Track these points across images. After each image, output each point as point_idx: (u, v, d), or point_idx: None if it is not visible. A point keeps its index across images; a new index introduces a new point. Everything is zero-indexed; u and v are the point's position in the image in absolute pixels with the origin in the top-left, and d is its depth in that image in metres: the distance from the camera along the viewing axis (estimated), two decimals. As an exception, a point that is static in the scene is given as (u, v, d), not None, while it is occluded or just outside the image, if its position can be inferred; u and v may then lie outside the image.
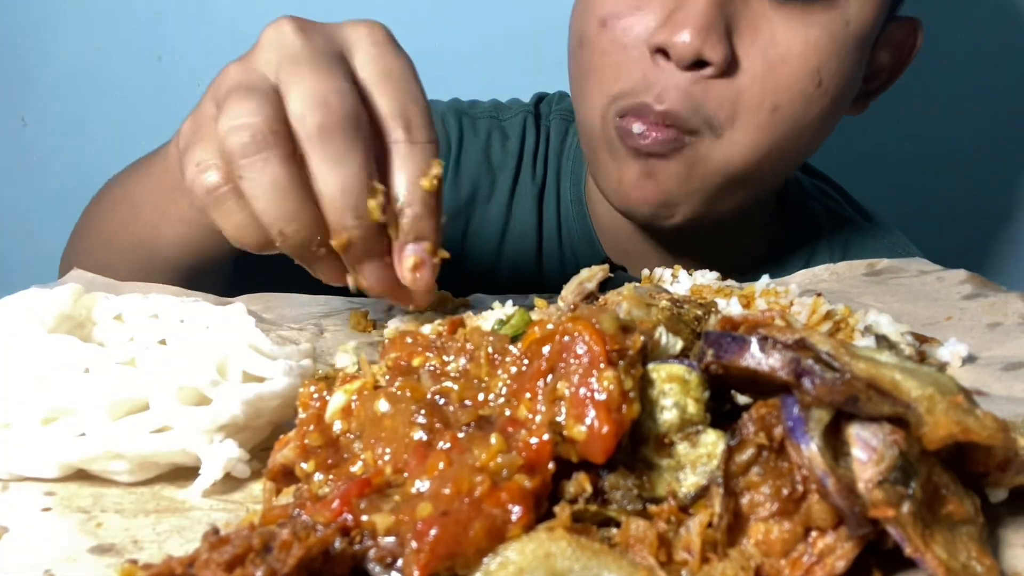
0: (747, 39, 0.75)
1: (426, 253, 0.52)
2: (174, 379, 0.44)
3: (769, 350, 0.34)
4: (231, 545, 0.30)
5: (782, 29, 0.75)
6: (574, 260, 0.99)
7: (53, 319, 0.50)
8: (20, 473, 0.44)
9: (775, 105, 0.76)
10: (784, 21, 0.75)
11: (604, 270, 0.57)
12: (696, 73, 0.75)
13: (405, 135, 0.52)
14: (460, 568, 0.31)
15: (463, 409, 0.36)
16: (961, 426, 0.32)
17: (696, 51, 0.73)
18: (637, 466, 0.35)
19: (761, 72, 0.75)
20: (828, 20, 0.76)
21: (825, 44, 0.76)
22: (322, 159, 0.49)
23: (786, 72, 0.76)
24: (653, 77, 0.76)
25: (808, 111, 0.78)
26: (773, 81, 0.75)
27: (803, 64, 0.76)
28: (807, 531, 0.33)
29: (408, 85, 0.53)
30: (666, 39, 0.74)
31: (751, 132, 0.77)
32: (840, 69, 0.78)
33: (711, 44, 0.73)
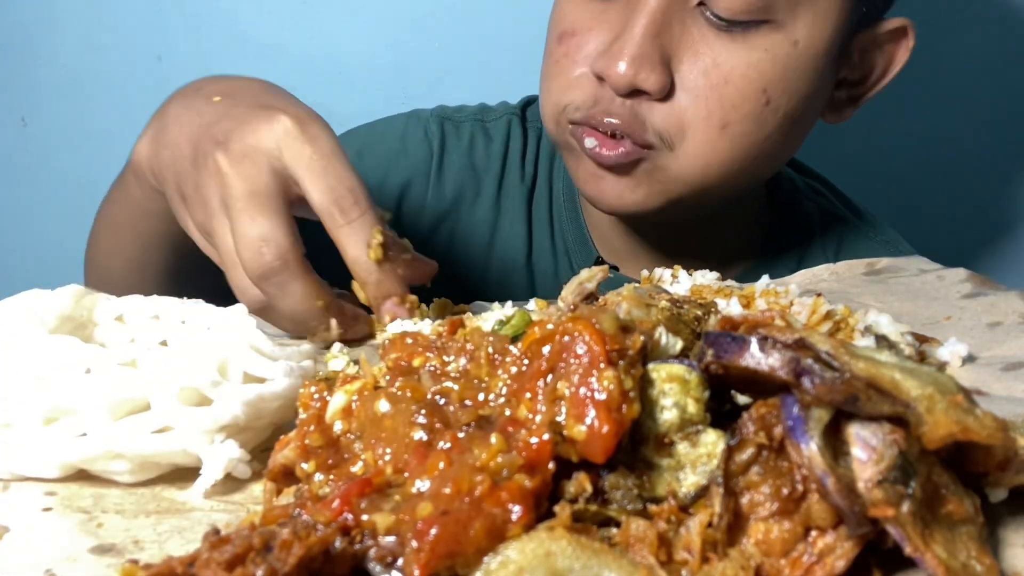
0: (686, 63, 0.77)
1: (396, 305, 0.62)
2: (175, 380, 0.45)
3: (769, 350, 0.34)
4: (231, 545, 0.30)
5: (724, 53, 0.76)
6: (567, 259, 1.00)
7: (54, 320, 0.50)
8: (21, 473, 0.44)
9: (724, 122, 0.78)
10: (725, 46, 0.76)
11: (604, 271, 0.57)
12: (635, 100, 0.78)
13: (341, 219, 0.60)
14: (460, 567, 0.31)
15: (463, 409, 0.36)
16: (961, 426, 0.32)
17: (629, 82, 0.75)
18: (637, 466, 0.35)
19: (704, 92, 0.77)
20: (772, 42, 0.77)
21: (769, 65, 0.77)
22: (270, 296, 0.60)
23: (730, 92, 0.77)
24: (599, 95, 0.79)
25: (761, 128, 0.79)
26: (717, 100, 0.77)
27: (747, 84, 0.77)
28: (807, 531, 0.33)
29: (331, 167, 0.61)
30: (604, 68, 0.77)
31: (703, 147, 0.79)
32: (790, 87, 0.79)
33: (644, 75, 0.75)
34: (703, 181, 0.81)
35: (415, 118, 1.03)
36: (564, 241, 1.00)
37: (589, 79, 0.79)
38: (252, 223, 0.58)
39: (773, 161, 0.87)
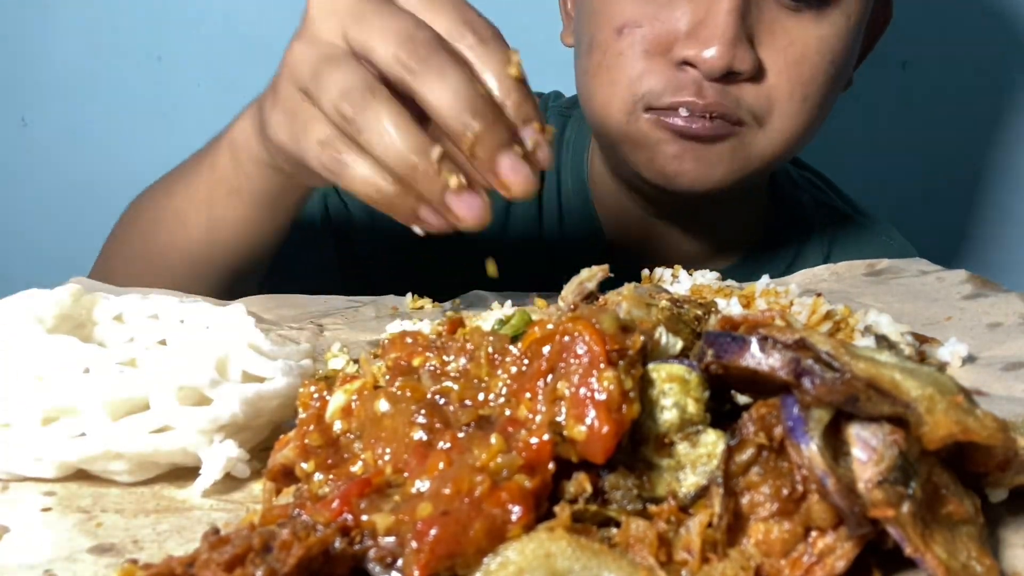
0: (767, 43, 0.81)
1: (537, 132, 0.55)
2: (174, 379, 0.44)
3: (769, 350, 0.34)
4: (231, 545, 0.30)
5: (797, 30, 0.82)
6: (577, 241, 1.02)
7: (53, 319, 0.50)
8: (20, 473, 0.44)
9: (805, 95, 0.83)
10: (797, 24, 0.81)
11: (604, 270, 0.57)
12: (726, 81, 0.80)
13: (475, 39, 0.55)
14: (460, 568, 0.31)
15: (463, 409, 0.36)
16: (961, 426, 0.32)
17: (727, 65, 0.78)
18: (637, 466, 0.35)
19: (786, 70, 0.81)
20: (835, 18, 0.83)
21: (835, 39, 0.83)
22: (427, 79, 0.53)
23: (808, 67, 0.82)
24: (684, 80, 0.80)
25: (830, 96, 0.86)
26: (798, 76, 0.82)
27: (821, 59, 0.83)
28: (807, 531, 0.33)
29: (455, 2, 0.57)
30: (695, 55, 0.78)
31: (789, 121, 0.83)
32: (846, 56, 0.86)
33: (740, 57, 0.78)
34: (781, 154, 0.86)
35: None
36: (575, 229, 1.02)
37: (665, 67, 0.81)
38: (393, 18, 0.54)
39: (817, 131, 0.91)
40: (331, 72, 0.54)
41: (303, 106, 0.57)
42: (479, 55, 0.55)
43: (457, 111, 0.52)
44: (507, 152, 0.54)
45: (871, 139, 1.35)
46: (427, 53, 0.53)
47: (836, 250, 1.01)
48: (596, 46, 0.85)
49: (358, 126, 0.53)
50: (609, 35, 0.83)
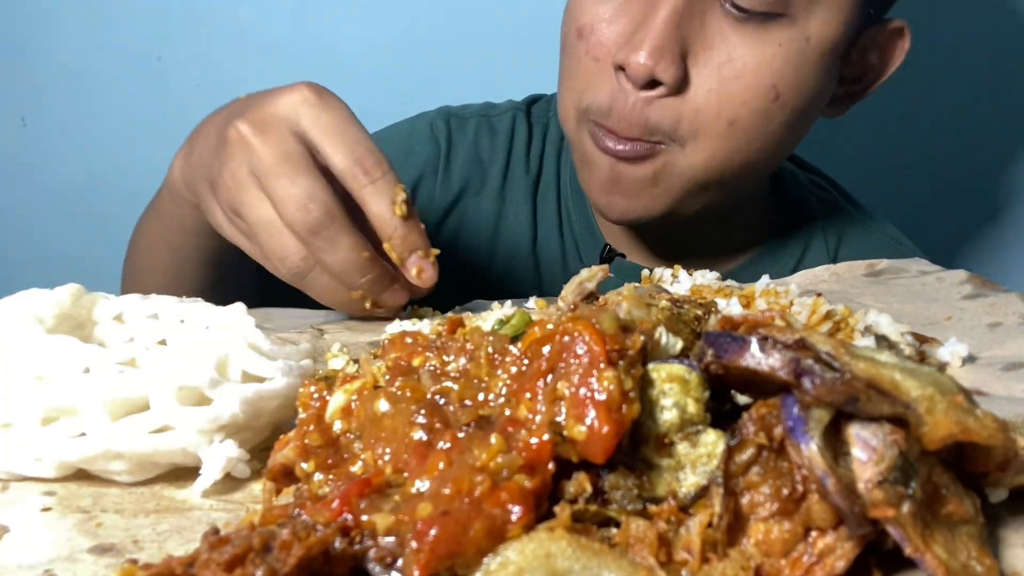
0: (701, 58, 0.77)
1: (421, 259, 0.65)
2: (174, 379, 0.44)
3: (769, 350, 0.34)
4: (231, 545, 0.30)
5: (739, 46, 0.77)
6: (574, 247, 1.02)
7: (53, 319, 0.50)
8: (20, 473, 0.44)
9: (732, 119, 0.78)
10: (741, 39, 0.77)
11: (604, 270, 0.57)
12: (649, 93, 0.78)
13: (365, 178, 0.62)
14: (460, 568, 0.31)
15: (463, 409, 0.36)
16: (961, 426, 0.32)
17: (649, 72, 0.76)
18: (637, 466, 0.35)
19: (716, 88, 0.78)
20: (787, 37, 0.77)
21: (781, 60, 0.78)
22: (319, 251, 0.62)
23: (740, 88, 0.77)
24: (615, 95, 0.79)
25: (767, 123, 0.80)
26: (727, 97, 0.78)
27: (757, 80, 0.77)
28: (807, 531, 0.33)
29: (349, 132, 0.63)
30: (624, 58, 0.77)
31: (711, 142, 0.80)
32: (800, 83, 0.79)
33: (663, 66, 0.76)
34: (706, 176, 0.82)
35: (420, 118, 1.05)
36: (571, 230, 1.02)
37: (609, 74, 0.80)
38: (292, 184, 0.60)
39: (775, 156, 0.88)
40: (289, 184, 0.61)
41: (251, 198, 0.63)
42: (368, 196, 0.62)
43: (347, 277, 0.62)
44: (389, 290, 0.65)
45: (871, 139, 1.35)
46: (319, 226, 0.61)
47: (843, 251, 1.00)
48: (563, 48, 0.85)
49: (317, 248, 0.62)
50: (572, 38, 0.83)
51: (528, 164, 1.03)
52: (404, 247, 0.64)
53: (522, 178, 1.03)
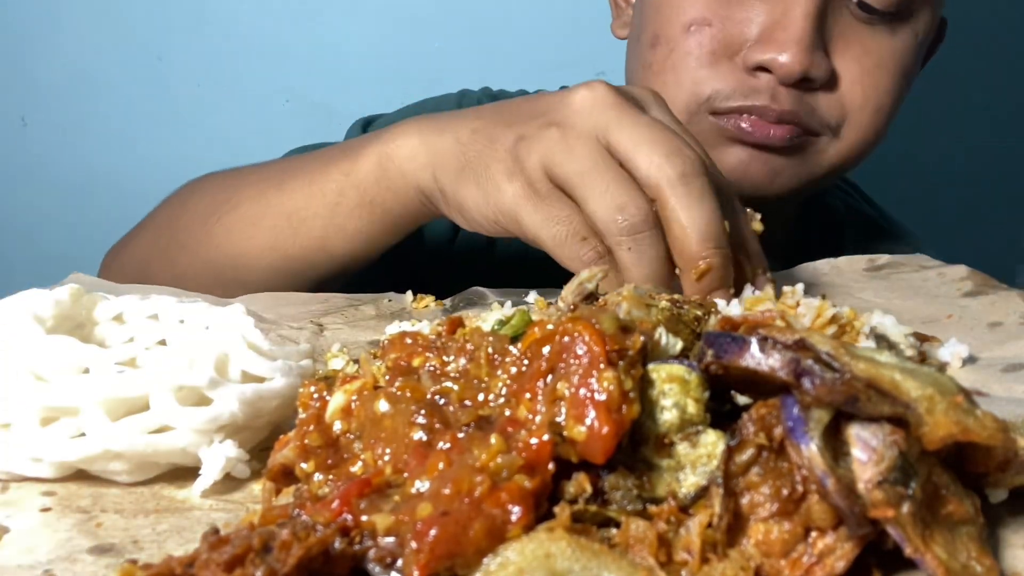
0: (841, 51, 0.80)
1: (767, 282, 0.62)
2: (173, 379, 0.44)
3: (769, 350, 0.34)
4: (231, 545, 0.30)
5: (870, 40, 0.81)
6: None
7: (53, 319, 0.50)
8: (20, 473, 0.44)
9: (878, 106, 0.82)
10: (870, 35, 0.81)
11: (604, 270, 0.57)
12: (800, 89, 0.78)
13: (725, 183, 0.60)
14: (460, 568, 0.31)
15: (463, 409, 0.36)
16: (961, 426, 0.32)
17: (804, 71, 0.76)
18: (637, 466, 0.35)
19: (861, 79, 0.81)
20: (905, 33, 0.83)
21: (904, 52, 0.83)
22: (684, 201, 0.55)
23: (883, 76, 0.81)
24: (756, 84, 0.79)
25: (897, 111, 0.85)
26: (873, 86, 0.81)
27: (896, 68, 0.82)
28: (807, 531, 0.33)
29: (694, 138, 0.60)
30: (770, 60, 0.77)
31: (860, 132, 0.82)
32: (914, 72, 0.86)
33: (816, 63, 0.77)
34: (847, 165, 0.85)
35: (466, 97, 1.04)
36: None
37: (736, 70, 0.80)
38: (607, 191, 0.57)
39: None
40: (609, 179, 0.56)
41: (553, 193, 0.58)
42: (730, 201, 0.59)
43: (702, 238, 0.55)
44: (723, 291, 0.57)
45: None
46: (693, 172, 0.55)
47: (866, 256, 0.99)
48: (662, 42, 0.83)
49: (627, 244, 0.56)
50: (677, 32, 0.81)
51: None
52: (757, 261, 0.61)
53: None
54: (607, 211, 0.56)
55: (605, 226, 0.56)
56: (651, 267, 0.56)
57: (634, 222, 0.56)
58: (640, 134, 0.57)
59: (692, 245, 0.55)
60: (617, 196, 0.56)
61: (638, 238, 0.56)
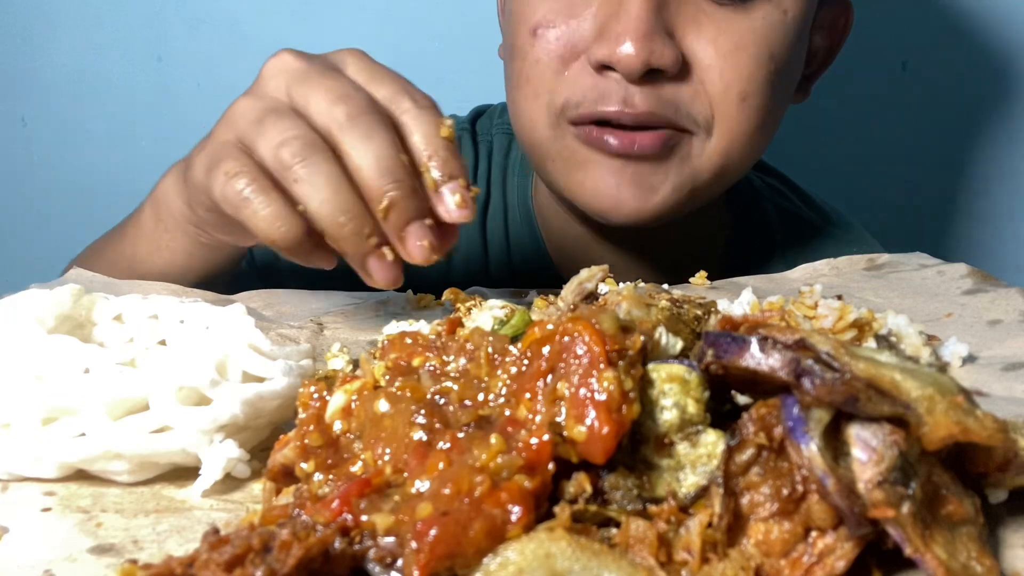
0: (692, 35, 0.73)
1: (462, 187, 0.55)
2: (174, 379, 0.44)
3: (769, 350, 0.34)
4: (231, 545, 0.30)
5: (724, 23, 0.73)
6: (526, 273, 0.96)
7: (53, 319, 0.50)
8: (20, 473, 0.44)
9: (743, 93, 0.74)
10: (724, 17, 0.73)
11: (604, 270, 0.57)
12: (650, 83, 0.72)
13: (411, 104, 0.56)
14: (460, 568, 0.31)
15: (463, 409, 0.36)
16: (961, 426, 0.32)
17: (644, 62, 0.70)
18: (637, 466, 0.35)
19: (718, 62, 0.73)
20: (767, 12, 0.75)
21: (768, 30, 0.75)
22: (354, 139, 0.53)
23: (744, 58, 0.73)
24: (606, 88, 0.73)
25: (773, 95, 0.76)
26: (733, 69, 0.73)
27: (758, 51, 0.74)
28: (807, 531, 0.33)
29: (398, 76, 0.59)
30: (608, 55, 0.71)
31: (730, 123, 0.75)
32: (786, 55, 0.76)
33: (658, 52, 0.70)
34: (725, 164, 0.77)
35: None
36: (522, 256, 0.97)
37: (584, 72, 0.74)
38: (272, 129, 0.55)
39: (770, 139, 0.82)
40: (275, 121, 0.55)
41: (226, 147, 0.57)
42: (413, 117, 0.56)
43: (377, 174, 0.53)
44: (417, 223, 0.54)
45: (871, 139, 1.35)
46: (358, 112, 0.54)
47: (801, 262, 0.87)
48: (516, 53, 0.78)
49: (295, 175, 0.53)
50: (526, 39, 0.76)
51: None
52: (443, 168, 0.55)
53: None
54: (269, 149, 0.54)
55: (272, 164, 0.54)
56: (323, 192, 0.53)
57: (294, 149, 0.53)
58: (310, 86, 0.56)
59: (369, 183, 0.53)
60: (281, 133, 0.54)
61: (303, 164, 0.53)
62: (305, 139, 0.54)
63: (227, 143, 0.57)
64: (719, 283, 0.78)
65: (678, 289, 0.70)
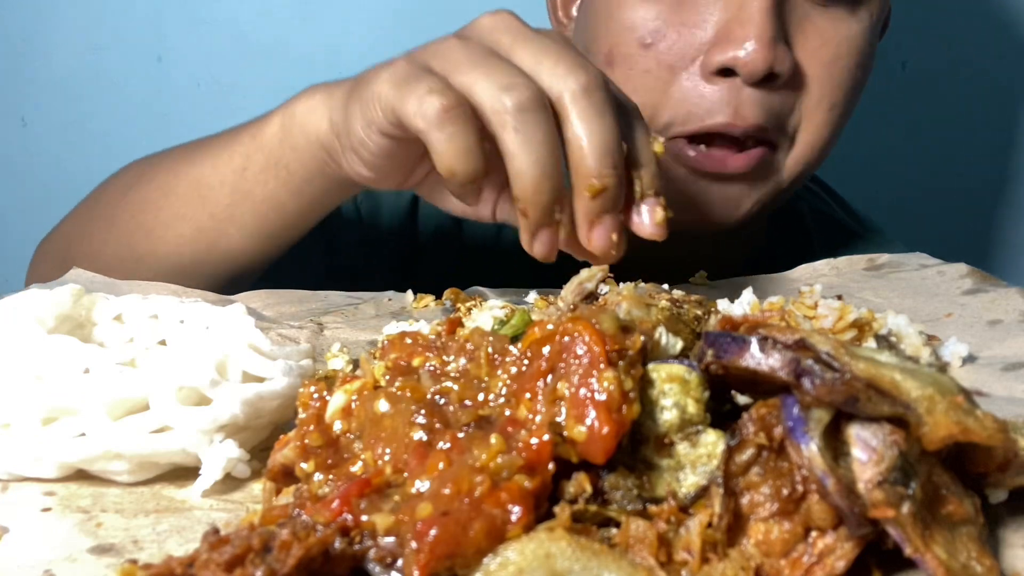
0: (799, 44, 0.74)
1: (663, 206, 0.56)
2: (174, 379, 0.44)
3: (769, 350, 0.34)
4: (231, 545, 0.30)
5: (829, 29, 0.75)
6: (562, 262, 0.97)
7: (53, 319, 0.50)
8: (20, 473, 0.44)
9: (832, 103, 0.76)
10: (828, 22, 0.75)
11: (604, 270, 0.57)
12: (763, 87, 0.73)
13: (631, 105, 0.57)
14: (460, 568, 0.31)
15: (463, 409, 0.36)
16: (961, 426, 0.32)
17: (769, 64, 0.70)
18: (637, 466, 0.35)
19: (818, 74, 0.75)
20: (860, 17, 0.77)
21: (861, 38, 0.77)
22: (585, 114, 0.52)
23: (839, 70, 0.75)
24: (714, 96, 0.73)
25: (853, 103, 0.79)
26: (829, 81, 0.75)
27: (852, 61, 0.76)
28: (807, 531, 0.33)
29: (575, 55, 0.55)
30: (731, 58, 0.71)
31: (816, 133, 0.77)
32: (871, 59, 0.79)
33: (780, 55, 0.71)
34: (802, 170, 0.78)
35: None
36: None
37: (691, 81, 0.74)
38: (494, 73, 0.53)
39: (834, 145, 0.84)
40: (500, 66, 0.53)
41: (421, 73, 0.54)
42: (636, 118, 0.56)
43: (600, 154, 0.52)
44: (614, 214, 0.54)
45: (871, 139, 1.35)
46: (595, 87, 0.52)
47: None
48: (619, 60, 0.77)
49: (515, 123, 0.51)
50: (634, 49, 0.76)
51: None
52: (651, 182, 0.55)
53: None
54: (492, 90, 0.52)
55: (490, 104, 0.52)
56: (538, 152, 0.51)
57: (521, 99, 0.51)
58: (542, 48, 0.54)
59: (589, 160, 0.52)
60: (504, 77, 0.52)
61: (525, 117, 0.51)
62: (533, 92, 0.52)
63: (425, 68, 0.55)
64: (719, 283, 0.78)
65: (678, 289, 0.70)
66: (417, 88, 0.53)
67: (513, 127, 0.51)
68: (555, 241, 0.55)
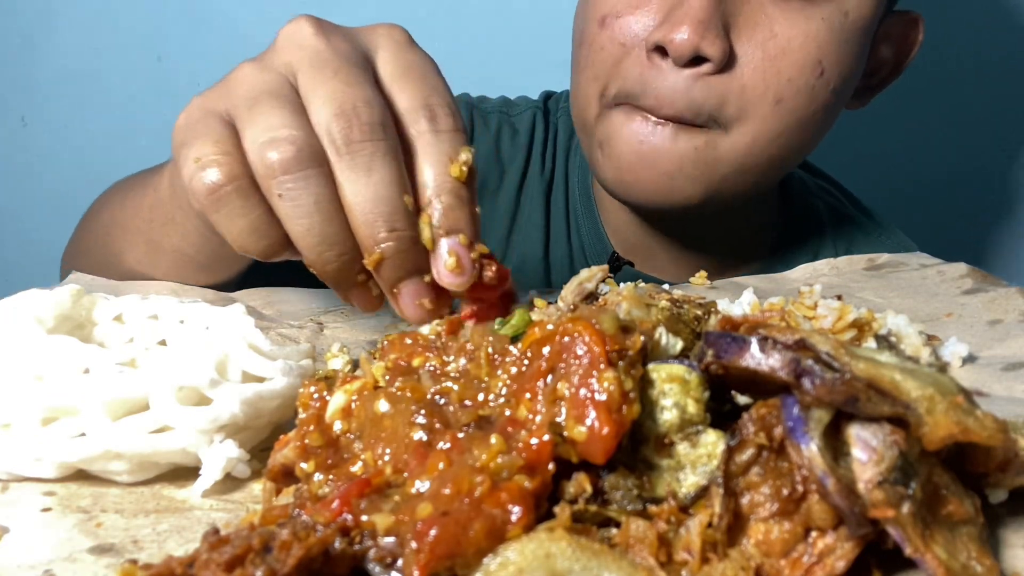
0: (745, 34, 0.76)
1: (462, 247, 0.47)
2: (174, 379, 0.44)
3: (769, 350, 0.34)
4: (231, 545, 0.30)
5: (781, 22, 0.76)
6: (582, 253, 1.00)
7: (53, 320, 0.50)
8: (20, 473, 0.44)
9: (778, 97, 0.77)
10: (783, 15, 0.76)
11: (604, 270, 0.57)
12: (694, 70, 0.75)
13: (429, 125, 0.48)
14: (460, 568, 0.31)
15: (463, 409, 0.36)
16: (961, 426, 0.32)
17: (694, 47, 0.73)
18: (637, 466, 0.35)
19: (761, 65, 0.76)
20: (827, 12, 0.77)
21: (825, 35, 0.77)
22: (353, 169, 0.46)
23: (787, 64, 0.76)
24: (650, 78, 0.77)
25: (811, 102, 0.78)
26: (775, 73, 0.76)
27: (804, 56, 0.76)
28: (807, 531, 0.33)
29: (429, 78, 0.50)
30: (663, 36, 0.74)
31: (756, 124, 0.78)
32: (841, 60, 0.78)
33: (709, 40, 0.73)
34: (747, 161, 0.80)
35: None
36: (579, 236, 1.00)
37: (639, 60, 0.78)
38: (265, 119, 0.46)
39: (811, 143, 0.85)
40: (270, 109, 0.47)
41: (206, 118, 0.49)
42: (427, 143, 0.48)
43: (371, 219, 0.45)
44: (413, 280, 0.47)
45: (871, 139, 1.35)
46: (365, 135, 0.46)
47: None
48: (582, 40, 0.83)
49: (280, 187, 0.45)
50: (593, 27, 0.81)
51: (543, 164, 1.02)
52: (443, 219, 0.47)
53: (537, 178, 1.01)
54: (256, 145, 0.45)
55: (255, 164, 0.45)
56: (309, 220, 0.45)
57: (284, 158, 0.44)
58: (322, 80, 0.47)
59: (361, 229, 0.46)
60: (273, 128, 0.45)
61: (292, 179, 0.45)
62: (299, 145, 0.45)
63: (212, 113, 0.49)
64: (719, 283, 0.78)
65: (678, 289, 0.70)
66: (189, 153, 0.47)
67: (278, 192, 0.45)
68: (371, 300, 0.49)
